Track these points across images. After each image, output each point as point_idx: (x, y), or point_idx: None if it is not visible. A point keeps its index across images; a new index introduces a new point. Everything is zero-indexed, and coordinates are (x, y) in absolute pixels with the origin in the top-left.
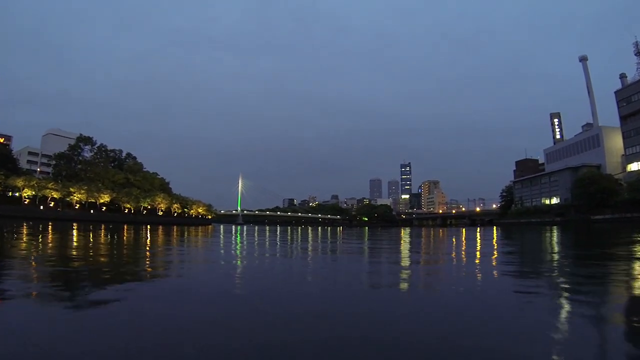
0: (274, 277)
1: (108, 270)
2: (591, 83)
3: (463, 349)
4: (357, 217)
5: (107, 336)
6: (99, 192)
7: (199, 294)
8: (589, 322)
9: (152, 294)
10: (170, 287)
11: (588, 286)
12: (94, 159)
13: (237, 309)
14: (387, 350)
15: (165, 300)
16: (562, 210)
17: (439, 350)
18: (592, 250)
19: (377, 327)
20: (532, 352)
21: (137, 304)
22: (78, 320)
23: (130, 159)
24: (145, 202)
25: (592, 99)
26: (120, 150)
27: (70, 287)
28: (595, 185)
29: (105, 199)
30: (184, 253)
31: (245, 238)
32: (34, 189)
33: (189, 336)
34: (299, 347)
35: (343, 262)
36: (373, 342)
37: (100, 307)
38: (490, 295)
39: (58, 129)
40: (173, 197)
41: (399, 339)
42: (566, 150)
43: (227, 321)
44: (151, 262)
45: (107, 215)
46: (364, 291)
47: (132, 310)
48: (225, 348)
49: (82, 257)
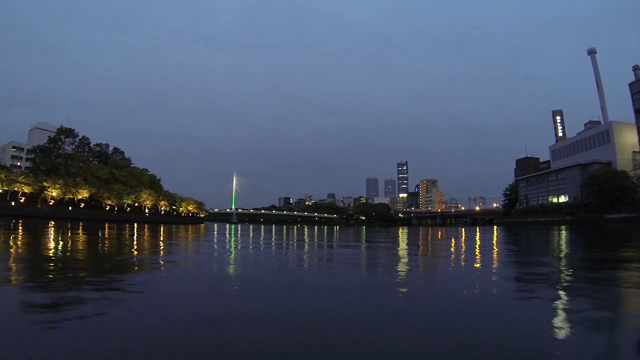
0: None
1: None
2: (600, 76)
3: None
4: (354, 216)
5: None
6: (77, 187)
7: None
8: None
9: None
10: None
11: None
12: (76, 152)
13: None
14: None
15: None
16: (571, 209)
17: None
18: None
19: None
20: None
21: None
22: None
23: (118, 153)
24: (128, 199)
25: (602, 93)
26: (106, 144)
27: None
28: (610, 183)
29: (84, 195)
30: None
31: (231, 240)
32: (2, 182)
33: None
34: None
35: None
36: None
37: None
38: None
39: (45, 123)
40: (161, 194)
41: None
42: (574, 146)
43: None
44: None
45: (85, 212)
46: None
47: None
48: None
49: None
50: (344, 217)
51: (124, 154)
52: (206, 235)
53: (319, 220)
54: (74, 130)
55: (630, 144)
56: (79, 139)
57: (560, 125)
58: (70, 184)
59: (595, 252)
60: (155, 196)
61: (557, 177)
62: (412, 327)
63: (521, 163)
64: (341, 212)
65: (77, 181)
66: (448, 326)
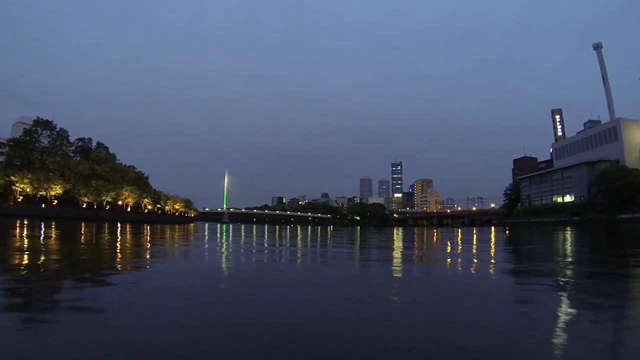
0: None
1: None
2: (606, 72)
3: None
4: (348, 216)
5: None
6: (49, 183)
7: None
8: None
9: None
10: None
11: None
12: (53, 145)
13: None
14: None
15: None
16: (578, 208)
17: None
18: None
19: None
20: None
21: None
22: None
23: (102, 148)
24: (107, 196)
25: (608, 89)
26: (89, 138)
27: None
28: (621, 181)
29: (58, 191)
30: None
31: (217, 245)
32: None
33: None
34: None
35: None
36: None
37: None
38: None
39: (29, 118)
40: (144, 191)
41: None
42: (578, 144)
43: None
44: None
45: (59, 210)
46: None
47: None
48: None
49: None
50: (338, 217)
51: (109, 150)
52: (184, 239)
53: (312, 220)
54: (51, 122)
55: (638, 141)
56: (56, 132)
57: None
58: (42, 178)
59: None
60: (138, 193)
61: (562, 176)
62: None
63: (519, 163)
64: (335, 212)
65: (49, 176)
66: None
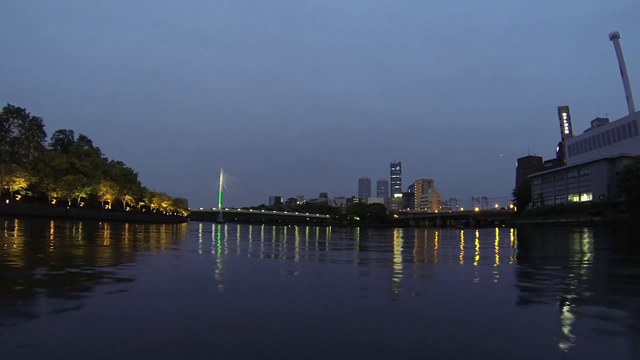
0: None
1: None
2: (624, 64)
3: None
4: (347, 216)
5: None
6: (10, 175)
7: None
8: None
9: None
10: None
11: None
12: (24, 136)
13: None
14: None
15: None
16: (597, 208)
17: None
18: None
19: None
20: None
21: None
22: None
23: (83, 142)
24: (82, 192)
25: (626, 80)
26: (70, 130)
27: None
28: None
29: (22, 184)
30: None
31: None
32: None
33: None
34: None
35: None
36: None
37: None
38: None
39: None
40: (126, 188)
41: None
42: (594, 140)
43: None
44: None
45: (22, 207)
46: None
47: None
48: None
49: None
50: (337, 218)
51: (92, 143)
52: (156, 242)
53: (310, 221)
54: (24, 111)
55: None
56: (28, 120)
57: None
58: (2, 170)
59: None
60: (118, 189)
61: (579, 174)
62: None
63: (524, 162)
64: (333, 212)
65: (12, 167)
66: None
